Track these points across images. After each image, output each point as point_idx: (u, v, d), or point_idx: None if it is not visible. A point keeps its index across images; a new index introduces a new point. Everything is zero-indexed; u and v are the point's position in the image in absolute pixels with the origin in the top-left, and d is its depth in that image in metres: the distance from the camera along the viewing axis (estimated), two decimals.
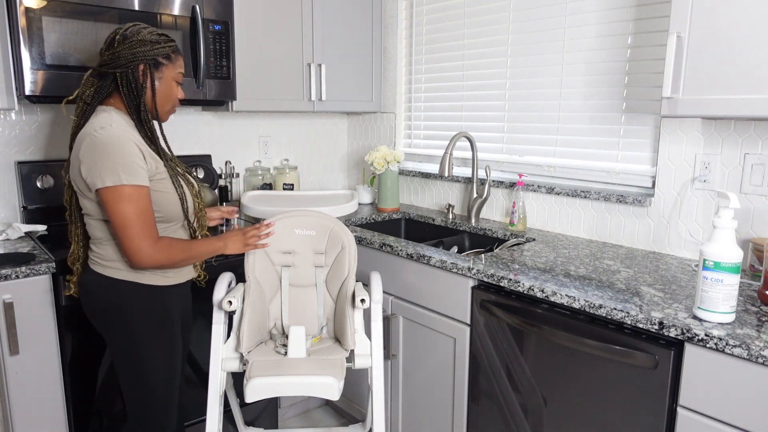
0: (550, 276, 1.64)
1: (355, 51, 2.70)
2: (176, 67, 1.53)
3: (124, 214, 1.38)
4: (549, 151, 2.27)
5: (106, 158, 1.36)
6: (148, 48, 1.45)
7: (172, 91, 1.54)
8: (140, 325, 1.50)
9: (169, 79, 1.51)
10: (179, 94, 1.57)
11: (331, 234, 1.82)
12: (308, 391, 1.58)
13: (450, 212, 2.52)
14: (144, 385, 1.53)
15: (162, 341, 1.54)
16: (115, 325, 1.50)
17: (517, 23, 2.31)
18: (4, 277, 1.64)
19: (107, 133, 1.37)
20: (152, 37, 1.46)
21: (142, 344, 1.51)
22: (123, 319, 1.49)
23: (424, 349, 1.99)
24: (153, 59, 1.46)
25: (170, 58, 1.50)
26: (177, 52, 1.53)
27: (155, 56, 1.46)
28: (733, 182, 1.74)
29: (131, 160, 1.38)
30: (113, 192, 1.37)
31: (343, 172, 3.20)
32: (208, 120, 2.63)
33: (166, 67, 1.50)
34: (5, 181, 2.14)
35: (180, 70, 1.54)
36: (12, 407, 1.71)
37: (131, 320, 1.49)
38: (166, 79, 1.50)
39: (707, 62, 1.45)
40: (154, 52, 1.46)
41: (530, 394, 1.63)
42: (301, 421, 2.59)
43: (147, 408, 1.55)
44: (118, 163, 1.36)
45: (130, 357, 1.52)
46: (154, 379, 1.54)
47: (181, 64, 1.55)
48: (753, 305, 1.40)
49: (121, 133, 1.39)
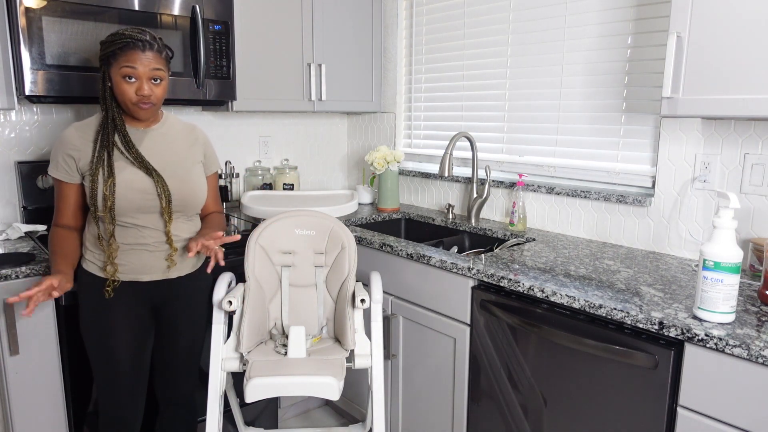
0: (550, 276, 1.64)
1: (355, 51, 2.69)
2: (119, 63, 1.50)
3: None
4: (549, 151, 2.27)
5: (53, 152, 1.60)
6: (102, 49, 1.53)
7: (121, 87, 1.52)
8: (83, 309, 1.63)
9: (116, 76, 1.52)
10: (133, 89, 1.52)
11: (331, 234, 1.82)
12: (308, 391, 1.58)
13: (450, 212, 2.52)
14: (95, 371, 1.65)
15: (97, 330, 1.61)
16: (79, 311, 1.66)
17: (517, 23, 2.31)
18: (4, 277, 1.64)
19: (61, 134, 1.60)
20: (109, 38, 1.52)
21: (85, 328, 1.63)
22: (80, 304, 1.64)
23: (424, 349, 1.99)
24: (105, 59, 1.53)
25: (115, 55, 1.51)
26: (127, 47, 1.49)
27: (105, 56, 1.52)
28: (733, 182, 1.74)
29: (55, 154, 1.58)
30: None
31: (343, 172, 3.20)
32: (208, 120, 2.63)
33: (112, 66, 1.52)
34: (5, 181, 2.14)
35: (126, 64, 1.49)
36: (12, 407, 1.71)
37: (80, 304, 1.64)
38: (114, 76, 1.53)
39: (707, 62, 1.45)
40: (104, 53, 1.52)
41: (530, 394, 1.63)
42: (301, 421, 2.59)
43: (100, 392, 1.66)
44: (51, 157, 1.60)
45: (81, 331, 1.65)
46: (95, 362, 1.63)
47: (129, 58, 1.49)
48: (753, 305, 1.40)
49: (65, 131, 1.58)
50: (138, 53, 1.51)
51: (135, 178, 1.57)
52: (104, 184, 1.54)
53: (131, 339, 1.63)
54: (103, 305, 1.61)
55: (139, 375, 1.66)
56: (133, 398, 1.66)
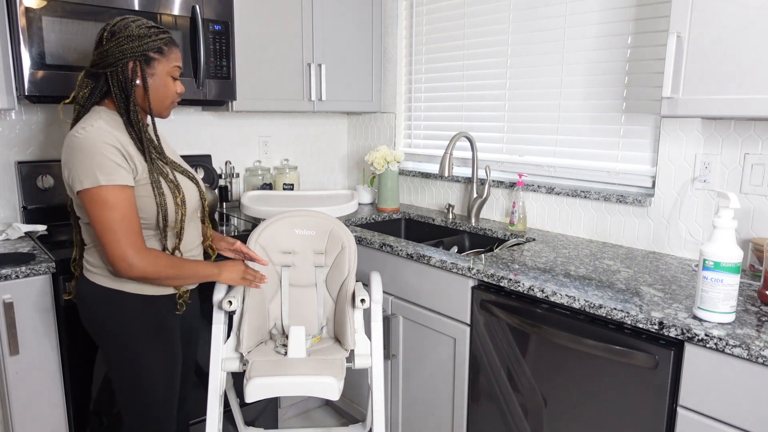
0: (550, 276, 1.64)
1: (355, 51, 2.69)
2: (170, 60, 1.42)
3: (105, 218, 1.30)
4: (549, 151, 2.27)
5: (82, 159, 1.29)
6: (137, 44, 1.35)
7: (168, 87, 1.44)
8: (134, 336, 1.44)
9: (162, 74, 1.42)
10: (178, 88, 1.47)
11: (331, 234, 1.82)
12: (308, 391, 1.58)
13: (450, 212, 2.52)
14: (143, 396, 1.48)
15: (159, 352, 1.48)
16: (109, 336, 1.44)
17: (517, 23, 2.31)
18: (4, 277, 1.64)
19: (85, 134, 1.30)
20: (141, 31, 1.37)
21: (138, 356, 1.45)
22: (116, 329, 1.43)
23: (424, 349, 1.99)
24: (143, 55, 1.37)
25: (162, 52, 1.40)
26: (171, 44, 1.43)
27: (145, 51, 1.37)
28: (733, 182, 1.74)
29: (108, 159, 1.30)
30: (91, 194, 1.30)
31: (343, 172, 3.20)
32: (208, 120, 2.63)
33: (158, 62, 1.40)
34: (5, 181, 2.14)
35: (175, 64, 1.44)
36: (12, 407, 1.71)
37: (124, 331, 1.43)
38: (159, 74, 1.41)
39: (707, 62, 1.45)
40: (143, 48, 1.36)
41: (530, 394, 1.63)
42: (301, 421, 2.59)
43: (146, 419, 1.50)
44: (95, 164, 1.29)
45: (127, 369, 1.46)
46: (152, 390, 1.48)
47: (176, 56, 1.44)
48: (753, 305, 1.40)
49: (99, 133, 1.31)
50: (178, 50, 1.46)
51: (188, 184, 1.50)
52: (172, 193, 1.42)
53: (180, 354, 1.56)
54: (161, 325, 1.47)
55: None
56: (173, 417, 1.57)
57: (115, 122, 1.39)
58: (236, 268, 1.58)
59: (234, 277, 1.57)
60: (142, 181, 1.38)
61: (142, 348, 1.45)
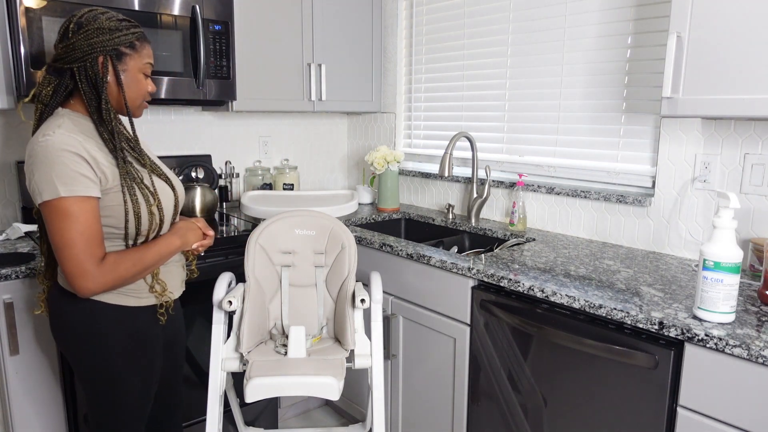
0: (550, 276, 1.64)
1: (355, 51, 2.69)
2: (142, 56, 1.34)
3: (64, 231, 1.20)
4: (549, 151, 2.27)
5: (42, 169, 1.20)
6: (107, 37, 1.26)
7: (140, 84, 1.36)
8: (111, 348, 1.35)
9: (134, 71, 1.33)
10: (149, 86, 1.39)
11: (331, 234, 1.82)
12: (308, 391, 1.58)
13: (450, 212, 2.52)
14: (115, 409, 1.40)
15: (136, 364, 1.40)
16: (84, 348, 1.35)
17: (517, 23, 2.31)
18: (4, 277, 1.64)
19: (46, 141, 1.20)
20: (112, 24, 1.27)
21: (114, 368, 1.37)
22: (92, 341, 1.34)
23: (424, 349, 1.99)
24: (114, 49, 1.28)
25: (134, 47, 1.32)
26: (143, 40, 1.35)
27: (116, 46, 1.28)
28: (733, 182, 1.74)
29: (69, 168, 1.20)
30: (51, 206, 1.20)
31: (343, 172, 3.20)
32: (208, 120, 2.63)
33: (130, 58, 1.32)
34: (5, 181, 2.14)
35: (147, 60, 1.36)
36: (12, 407, 1.71)
37: (101, 343, 1.34)
38: (130, 71, 1.33)
39: (707, 62, 1.45)
40: (114, 42, 1.27)
41: (530, 394, 1.63)
42: (301, 421, 2.59)
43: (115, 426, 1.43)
44: (55, 174, 1.19)
45: (100, 382, 1.37)
46: (126, 402, 1.41)
47: (148, 53, 1.36)
48: (753, 305, 1.40)
49: (62, 140, 1.21)
50: (149, 46, 1.37)
51: (163, 188, 1.41)
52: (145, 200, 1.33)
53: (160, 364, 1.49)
54: (140, 336, 1.40)
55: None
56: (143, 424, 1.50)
57: (80, 126, 1.29)
58: (192, 228, 1.46)
59: (197, 235, 1.47)
60: (114, 188, 1.28)
61: (117, 360, 1.37)
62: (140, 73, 1.36)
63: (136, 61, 1.33)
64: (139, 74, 1.36)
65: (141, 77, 1.36)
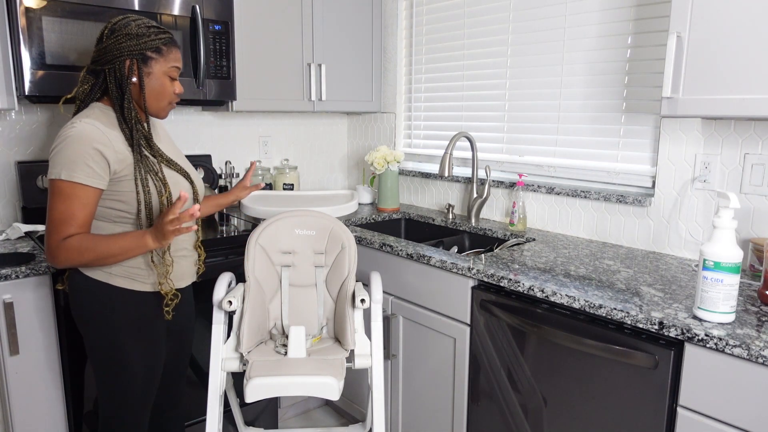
0: (550, 276, 1.64)
1: (355, 51, 2.70)
2: (168, 60, 1.44)
3: (50, 209, 1.33)
4: (549, 151, 2.27)
5: (58, 153, 1.32)
6: (134, 42, 1.38)
7: (165, 86, 1.45)
8: (118, 327, 1.45)
9: (159, 74, 1.43)
10: (176, 88, 1.48)
11: (331, 234, 1.82)
12: (308, 391, 1.58)
13: (450, 212, 2.52)
14: (121, 386, 1.49)
15: (141, 346, 1.49)
16: (94, 325, 1.45)
17: (517, 23, 2.31)
18: (4, 277, 1.64)
19: (71, 129, 1.32)
20: (140, 30, 1.39)
21: (120, 346, 1.46)
22: (101, 320, 1.45)
23: (424, 349, 1.99)
24: (140, 53, 1.39)
25: (160, 51, 1.42)
26: (170, 44, 1.44)
27: (142, 50, 1.39)
28: (733, 182, 1.74)
29: (79, 157, 1.31)
30: (51, 185, 1.33)
31: (343, 172, 3.20)
32: (208, 120, 2.63)
33: (155, 61, 1.42)
34: (5, 181, 2.14)
35: (173, 64, 1.46)
36: (12, 407, 1.71)
37: (109, 322, 1.45)
38: (156, 74, 1.43)
39: (707, 62, 1.45)
40: (140, 46, 1.38)
41: (530, 394, 1.63)
42: (301, 421, 2.59)
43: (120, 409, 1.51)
44: (65, 158, 1.31)
45: (107, 357, 1.47)
46: (130, 382, 1.49)
47: (175, 57, 1.46)
48: (753, 305, 1.40)
49: (84, 130, 1.32)
50: (178, 50, 1.47)
51: (179, 181, 1.50)
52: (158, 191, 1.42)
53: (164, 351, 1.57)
54: (146, 320, 1.49)
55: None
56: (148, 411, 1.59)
57: (108, 117, 1.40)
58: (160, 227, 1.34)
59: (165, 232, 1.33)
60: (128, 176, 1.39)
61: (124, 339, 1.46)
62: (166, 76, 1.45)
63: (161, 64, 1.43)
64: (165, 77, 1.45)
65: (166, 80, 1.45)
